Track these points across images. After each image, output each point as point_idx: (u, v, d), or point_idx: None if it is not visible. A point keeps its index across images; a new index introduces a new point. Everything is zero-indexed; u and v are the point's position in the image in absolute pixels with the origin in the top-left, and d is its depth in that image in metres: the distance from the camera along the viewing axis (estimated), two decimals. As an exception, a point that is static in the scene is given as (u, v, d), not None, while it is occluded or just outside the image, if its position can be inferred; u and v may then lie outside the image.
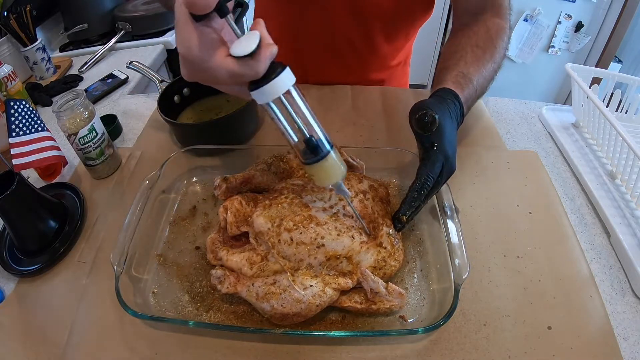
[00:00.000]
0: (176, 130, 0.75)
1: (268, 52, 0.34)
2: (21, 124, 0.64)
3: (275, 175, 0.60)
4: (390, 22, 0.80)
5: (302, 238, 0.47)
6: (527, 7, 1.99)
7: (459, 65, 0.61)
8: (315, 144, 0.41)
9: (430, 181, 0.50)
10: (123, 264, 0.49)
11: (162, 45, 1.29)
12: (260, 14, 0.91)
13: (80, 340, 0.49)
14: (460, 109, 0.56)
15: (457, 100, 0.56)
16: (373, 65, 0.89)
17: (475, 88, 0.60)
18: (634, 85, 0.72)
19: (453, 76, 0.59)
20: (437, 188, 0.52)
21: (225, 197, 0.57)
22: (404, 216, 0.50)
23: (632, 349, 0.46)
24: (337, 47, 0.85)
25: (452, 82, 0.58)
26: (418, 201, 0.51)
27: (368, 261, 0.48)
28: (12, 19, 1.00)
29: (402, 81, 1.01)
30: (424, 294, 0.50)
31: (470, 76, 0.60)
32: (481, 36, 0.65)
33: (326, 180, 0.44)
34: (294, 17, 0.83)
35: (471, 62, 0.61)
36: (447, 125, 0.52)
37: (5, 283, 0.56)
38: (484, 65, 0.62)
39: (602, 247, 0.57)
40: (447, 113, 0.53)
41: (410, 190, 0.51)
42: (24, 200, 0.56)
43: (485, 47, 0.64)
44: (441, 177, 0.52)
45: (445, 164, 0.51)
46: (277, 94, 0.36)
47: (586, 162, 0.69)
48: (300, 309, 0.45)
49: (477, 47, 0.63)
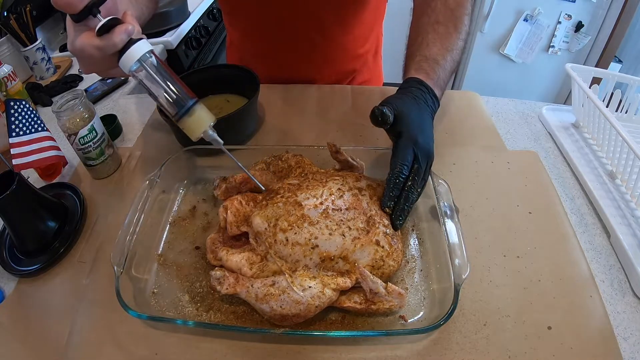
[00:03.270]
0: (176, 131, 0.75)
1: (123, 29, 0.42)
2: (21, 124, 0.64)
3: (274, 174, 0.60)
4: (338, 8, 0.80)
5: (297, 238, 0.47)
6: (527, 7, 1.99)
7: (420, 50, 0.61)
8: (178, 101, 0.47)
9: (404, 169, 0.50)
10: (123, 264, 0.49)
11: (162, 45, 1.29)
12: (230, 22, 0.94)
13: (80, 340, 0.49)
14: (429, 93, 0.57)
15: (422, 85, 0.56)
16: (336, 56, 0.89)
17: (443, 66, 0.60)
18: (634, 85, 0.72)
19: (416, 62, 0.60)
20: (420, 175, 0.52)
21: (224, 197, 0.57)
22: (387, 208, 0.51)
23: (632, 349, 0.46)
24: (296, 42, 0.85)
25: (415, 69, 0.59)
26: (396, 190, 0.51)
27: (365, 260, 0.48)
28: (12, 19, 1.00)
29: (375, 72, 1.01)
30: (424, 294, 0.50)
31: (434, 56, 0.60)
32: (440, 11, 0.64)
33: (197, 131, 0.49)
34: (255, 18, 0.85)
35: (433, 42, 0.61)
36: (413, 113, 0.53)
37: (5, 283, 0.56)
38: (447, 39, 0.62)
39: (602, 247, 0.57)
40: (412, 102, 0.54)
41: (387, 181, 0.51)
42: (24, 200, 0.56)
43: (446, 22, 0.63)
44: (418, 163, 0.52)
45: (417, 150, 0.51)
46: (133, 59, 0.44)
47: (586, 162, 0.69)
48: (299, 310, 0.45)
49: (437, 23, 0.63)
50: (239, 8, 0.86)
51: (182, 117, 0.48)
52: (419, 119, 0.54)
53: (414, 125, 0.53)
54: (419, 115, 0.54)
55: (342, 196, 0.50)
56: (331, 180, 0.53)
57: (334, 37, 0.85)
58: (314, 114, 0.81)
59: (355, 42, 0.89)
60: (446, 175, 0.62)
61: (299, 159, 0.60)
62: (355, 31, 0.86)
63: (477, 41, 2.13)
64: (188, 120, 0.48)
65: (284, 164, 0.60)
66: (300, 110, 0.82)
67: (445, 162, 0.68)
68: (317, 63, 0.89)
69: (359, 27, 0.86)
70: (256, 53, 0.92)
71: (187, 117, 0.48)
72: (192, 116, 0.48)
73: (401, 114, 0.53)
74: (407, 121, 0.53)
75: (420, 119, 0.54)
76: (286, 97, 0.86)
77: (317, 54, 0.87)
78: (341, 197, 0.50)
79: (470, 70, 2.25)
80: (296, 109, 0.83)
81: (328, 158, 0.60)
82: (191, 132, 0.49)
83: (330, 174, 0.56)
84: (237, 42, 0.96)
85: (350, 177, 0.54)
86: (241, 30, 0.92)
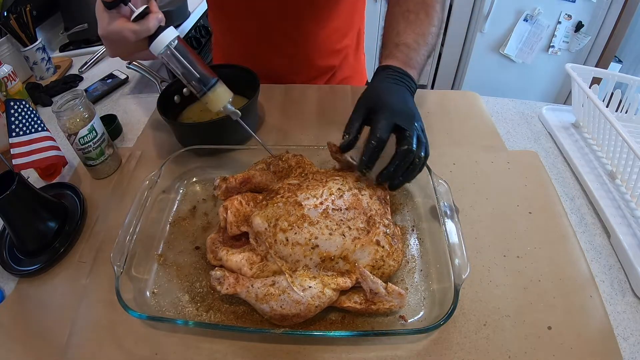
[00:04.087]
0: (176, 130, 0.75)
1: (154, 15, 0.49)
2: (21, 124, 0.64)
3: (274, 174, 0.60)
4: (313, 2, 0.80)
5: (297, 238, 0.47)
6: (527, 7, 1.99)
7: (391, 38, 0.62)
8: (202, 80, 0.54)
9: (378, 132, 0.49)
10: (123, 264, 0.49)
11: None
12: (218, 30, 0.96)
13: (80, 340, 0.49)
14: (400, 74, 0.57)
15: (389, 69, 0.58)
16: (311, 50, 0.89)
17: (415, 49, 0.61)
18: (634, 85, 0.72)
19: (387, 51, 0.61)
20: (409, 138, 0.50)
21: (225, 197, 0.57)
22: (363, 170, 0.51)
23: (632, 349, 0.46)
24: (271, 34, 0.86)
25: (385, 56, 0.61)
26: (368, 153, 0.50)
27: (365, 260, 0.48)
28: (12, 19, 1.00)
29: (357, 68, 1.01)
30: (424, 294, 0.50)
31: (406, 41, 0.61)
32: (411, 0, 0.65)
33: (218, 105, 0.56)
34: (231, 10, 0.85)
35: (404, 31, 0.62)
36: (382, 96, 0.54)
37: (5, 283, 0.56)
38: (418, 26, 0.63)
39: (602, 247, 0.57)
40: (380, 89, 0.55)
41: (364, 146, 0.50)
42: (24, 200, 0.56)
43: (417, 10, 0.64)
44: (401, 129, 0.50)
45: (396, 118, 0.50)
46: (164, 43, 0.51)
47: (586, 162, 0.69)
48: (299, 310, 0.45)
49: (409, 12, 0.64)
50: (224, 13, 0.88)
51: (205, 93, 0.55)
52: (394, 97, 0.54)
53: (388, 103, 0.52)
54: (392, 95, 0.54)
55: (342, 196, 0.50)
56: (331, 180, 0.53)
57: (308, 30, 0.85)
58: (314, 114, 0.81)
59: (332, 37, 0.89)
60: (446, 175, 0.62)
61: (299, 159, 0.60)
62: (332, 25, 0.86)
63: (477, 41, 2.13)
64: (211, 96, 0.56)
65: (285, 164, 0.60)
66: (300, 110, 0.82)
67: (445, 162, 0.68)
68: (292, 57, 0.89)
69: (334, 20, 0.86)
70: (233, 45, 0.93)
71: (209, 93, 0.55)
72: (214, 92, 0.55)
73: (374, 101, 0.53)
74: (382, 104, 0.52)
75: (395, 97, 0.54)
76: (286, 97, 0.86)
77: (291, 47, 0.87)
78: (341, 196, 0.50)
79: (470, 70, 2.25)
80: (296, 109, 0.83)
81: (328, 158, 0.60)
82: (213, 106, 0.57)
83: (331, 174, 0.56)
84: (218, 36, 0.97)
85: (350, 177, 0.54)
86: (220, 22, 0.93)
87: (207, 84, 0.55)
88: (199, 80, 0.54)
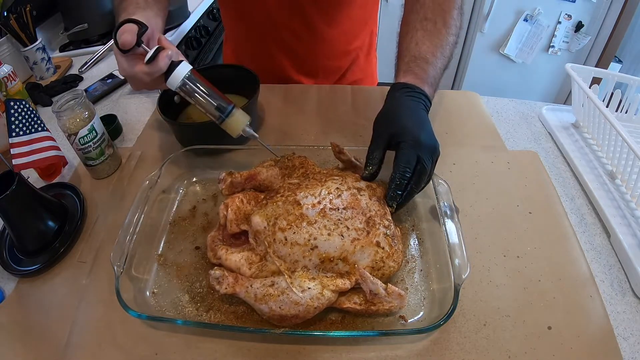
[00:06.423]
0: (176, 130, 0.75)
1: (164, 54, 0.52)
2: (21, 124, 0.64)
3: (279, 170, 0.60)
4: (323, 3, 0.80)
5: (296, 238, 0.47)
6: (527, 7, 1.99)
7: (410, 49, 0.61)
8: (219, 108, 0.56)
9: (407, 171, 0.50)
10: (123, 264, 0.49)
11: (162, 45, 1.28)
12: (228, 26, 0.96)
13: (80, 340, 0.49)
14: (417, 93, 0.57)
15: (408, 88, 0.57)
16: (323, 52, 0.89)
17: (433, 63, 0.60)
18: (634, 85, 0.72)
19: (405, 64, 0.60)
20: (425, 173, 0.51)
21: (229, 192, 0.57)
22: (391, 208, 0.52)
23: (632, 349, 0.46)
24: (284, 40, 0.86)
25: (404, 71, 0.59)
26: (399, 191, 0.51)
27: (365, 261, 0.48)
28: (12, 19, 1.00)
29: (368, 71, 1.00)
30: (424, 294, 0.50)
31: (423, 55, 0.60)
32: (428, 6, 0.63)
33: (237, 130, 0.58)
34: (245, 7, 0.85)
35: (422, 40, 0.61)
36: (404, 119, 0.53)
37: (5, 283, 0.56)
38: (436, 36, 0.62)
39: (602, 247, 0.57)
40: (401, 109, 0.55)
41: (390, 182, 0.51)
42: (24, 200, 0.56)
43: (434, 18, 0.62)
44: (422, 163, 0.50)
45: (419, 151, 0.50)
46: (179, 79, 0.54)
47: (586, 162, 0.69)
48: (298, 311, 0.45)
49: (426, 19, 0.62)
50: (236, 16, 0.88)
51: (224, 120, 0.57)
52: (414, 121, 0.53)
53: (410, 130, 0.52)
54: (412, 118, 0.54)
55: (340, 195, 0.50)
56: (330, 179, 0.53)
57: (318, 30, 0.84)
58: (314, 114, 0.81)
59: (343, 38, 0.88)
60: (446, 175, 0.62)
61: (303, 160, 0.60)
62: (343, 26, 0.86)
63: (477, 41, 2.13)
64: (229, 122, 0.57)
65: (289, 163, 0.60)
66: (300, 110, 0.82)
67: (445, 162, 0.68)
68: (301, 56, 0.89)
69: (346, 22, 0.85)
70: (242, 42, 0.93)
71: (227, 119, 0.57)
72: (232, 118, 0.57)
73: (395, 126, 0.53)
74: (403, 130, 0.52)
75: (414, 120, 0.53)
76: (286, 97, 0.86)
77: (301, 46, 0.87)
78: (339, 196, 0.50)
79: (470, 70, 2.25)
80: (296, 109, 0.83)
81: (328, 158, 0.60)
82: (232, 131, 0.58)
83: (331, 173, 0.56)
84: (228, 32, 0.97)
85: (349, 177, 0.54)
86: (230, 19, 0.93)
87: (224, 111, 0.57)
88: (217, 108, 0.56)
